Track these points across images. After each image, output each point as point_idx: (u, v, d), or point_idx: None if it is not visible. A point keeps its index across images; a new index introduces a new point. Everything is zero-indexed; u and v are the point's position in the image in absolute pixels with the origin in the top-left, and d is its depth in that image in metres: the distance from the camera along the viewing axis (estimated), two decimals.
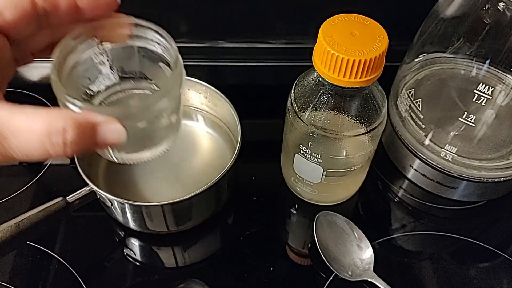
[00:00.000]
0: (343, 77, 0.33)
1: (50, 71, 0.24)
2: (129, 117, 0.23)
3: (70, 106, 0.23)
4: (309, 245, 0.44)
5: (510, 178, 0.43)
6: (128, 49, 0.27)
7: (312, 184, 0.42)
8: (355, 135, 0.37)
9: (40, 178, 0.48)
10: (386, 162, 0.50)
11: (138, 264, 0.43)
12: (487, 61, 0.41)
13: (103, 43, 0.27)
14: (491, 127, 0.42)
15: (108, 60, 0.27)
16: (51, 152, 0.21)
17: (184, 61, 0.64)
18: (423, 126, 0.44)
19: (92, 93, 0.28)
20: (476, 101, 0.41)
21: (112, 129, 0.22)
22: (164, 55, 0.27)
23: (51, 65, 0.24)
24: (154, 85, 0.29)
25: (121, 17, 0.27)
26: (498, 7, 0.38)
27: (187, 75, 0.49)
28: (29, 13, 0.23)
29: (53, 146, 0.21)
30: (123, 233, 0.44)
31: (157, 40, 0.27)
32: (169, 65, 0.27)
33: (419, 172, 0.46)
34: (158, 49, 0.27)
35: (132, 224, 0.42)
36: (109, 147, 0.25)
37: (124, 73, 0.28)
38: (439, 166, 0.44)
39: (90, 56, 0.27)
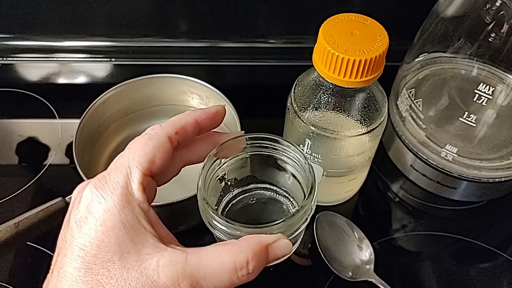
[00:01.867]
0: (343, 77, 0.33)
1: (200, 204, 0.28)
2: (286, 230, 0.26)
3: (234, 232, 0.26)
4: (309, 245, 0.43)
5: (510, 178, 0.43)
6: (242, 159, 0.31)
7: None
8: (355, 135, 0.37)
9: (39, 178, 0.48)
10: (386, 162, 0.50)
11: None
12: (488, 61, 0.41)
13: (222, 160, 0.30)
14: (492, 127, 0.42)
15: (224, 174, 0.30)
16: (237, 282, 0.24)
17: (184, 61, 0.64)
18: (424, 126, 0.44)
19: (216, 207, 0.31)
20: (477, 101, 0.41)
21: (280, 245, 0.25)
22: (277, 155, 0.31)
23: (200, 199, 0.28)
24: (265, 185, 0.33)
25: (237, 135, 0.30)
26: (498, 7, 0.38)
27: (187, 75, 0.50)
28: (169, 151, 0.26)
29: (239, 278, 0.24)
30: None
31: (272, 146, 0.30)
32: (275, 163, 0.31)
33: (419, 172, 0.46)
34: (272, 153, 0.31)
35: None
36: None
37: (236, 180, 0.32)
38: (440, 166, 0.44)
39: (214, 177, 0.30)
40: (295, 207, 0.32)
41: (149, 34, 0.60)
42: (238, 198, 0.33)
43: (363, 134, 0.37)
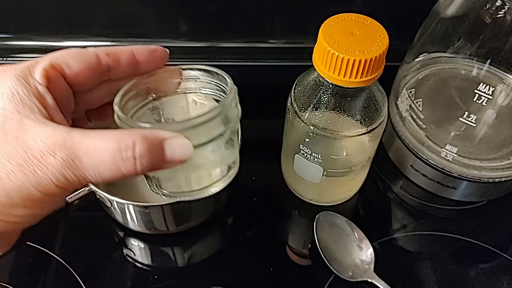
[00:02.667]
0: (343, 77, 0.33)
1: (114, 107, 0.26)
2: (192, 133, 0.24)
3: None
4: (309, 245, 0.43)
5: (510, 178, 0.43)
6: (180, 97, 0.29)
7: (312, 184, 0.42)
8: (355, 135, 0.37)
9: None
10: (386, 162, 0.50)
11: (137, 264, 0.42)
12: (488, 61, 0.41)
13: (157, 94, 0.28)
14: (492, 127, 0.42)
15: (161, 112, 0.29)
16: (123, 169, 0.22)
17: (184, 61, 0.64)
18: (424, 126, 0.44)
19: None
20: (477, 101, 0.41)
21: (179, 143, 0.23)
22: (217, 93, 0.29)
23: (115, 104, 0.26)
24: None
25: (170, 67, 0.29)
26: (498, 7, 0.38)
27: None
28: (94, 66, 0.25)
29: (124, 162, 0.22)
30: (123, 233, 0.44)
31: (208, 81, 0.29)
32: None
33: (419, 172, 0.46)
34: (210, 90, 0.29)
35: (131, 225, 0.42)
36: (157, 181, 0.27)
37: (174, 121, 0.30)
38: (440, 166, 0.44)
39: (145, 109, 0.28)
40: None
41: (149, 34, 0.60)
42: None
43: (363, 134, 0.37)
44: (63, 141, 0.22)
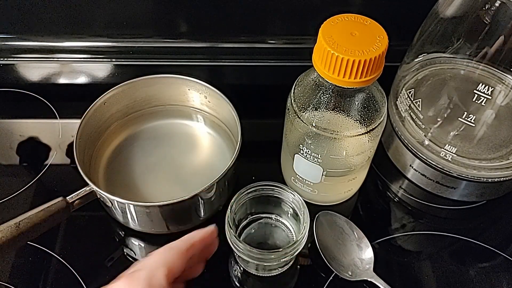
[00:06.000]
0: (343, 77, 0.33)
1: (227, 230, 0.38)
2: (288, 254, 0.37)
3: (253, 254, 0.37)
4: (309, 245, 0.44)
5: (509, 178, 0.43)
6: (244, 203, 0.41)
7: (312, 184, 0.42)
8: (355, 135, 0.37)
9: (40, 178, 0.48)
10: (386, 162, 0.50)
11: None
12: (487, 61, 0.41)
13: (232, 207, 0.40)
14: (491, 127, 0.42)
15: (235, 214, 0.40)
16: None
17: (184, 61, 0.64)
18: (423, 126, 0.44)
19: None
20: (476, 101, 0.41)
21: None
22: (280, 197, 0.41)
23: (231, 236, 0.38)
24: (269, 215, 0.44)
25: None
26: (498, 7, 0.38)
27: (187, 75, 0.50)
28: (187, 259, 0.34)
29: None
30: (123, 233, 0.44)
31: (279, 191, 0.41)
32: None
33: (419, 172, 0.46)
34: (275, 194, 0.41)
35: (132, 224, 0.42)
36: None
37: (241, 216, 0.43)
38: (439, 166, 0.44)
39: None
40: (288, 229, 0.43)
41: (149, 35, 0.60)
42: (249, 226, 0.43)
43: (362, 134, 0.37)
44: None
